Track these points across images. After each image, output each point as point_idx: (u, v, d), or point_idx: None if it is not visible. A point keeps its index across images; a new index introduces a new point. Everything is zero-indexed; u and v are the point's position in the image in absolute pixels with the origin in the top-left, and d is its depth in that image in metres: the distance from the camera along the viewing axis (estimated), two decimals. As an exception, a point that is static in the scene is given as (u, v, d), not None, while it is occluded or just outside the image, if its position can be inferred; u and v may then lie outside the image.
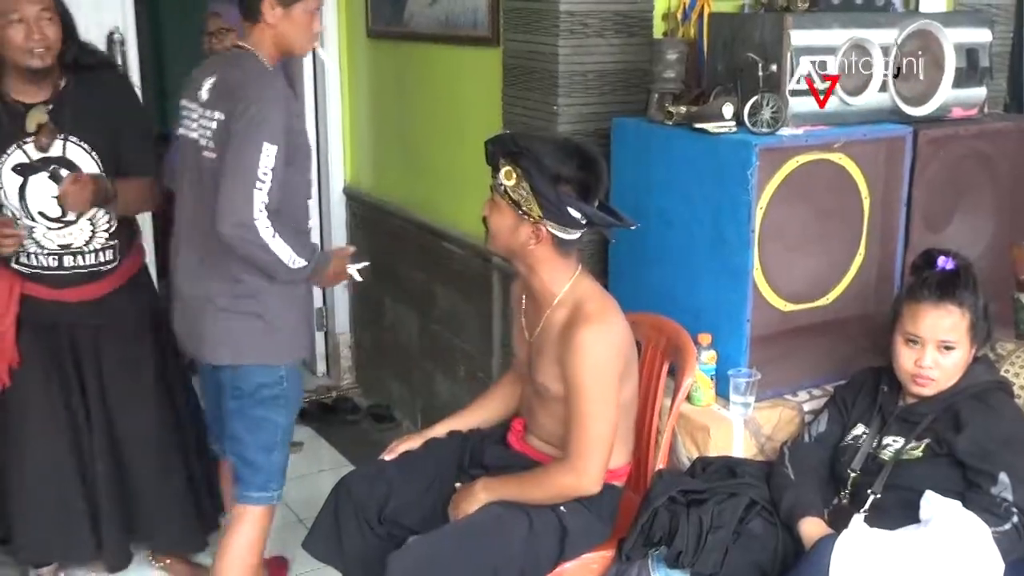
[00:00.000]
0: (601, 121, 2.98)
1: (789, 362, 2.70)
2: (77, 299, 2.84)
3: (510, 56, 3.10)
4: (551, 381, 2.33)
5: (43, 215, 2.75)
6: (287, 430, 2.67)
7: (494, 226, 2.33)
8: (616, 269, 2.97)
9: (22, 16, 2.58)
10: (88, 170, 2.75)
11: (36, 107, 2.72)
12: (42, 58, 2.63)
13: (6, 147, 2.71)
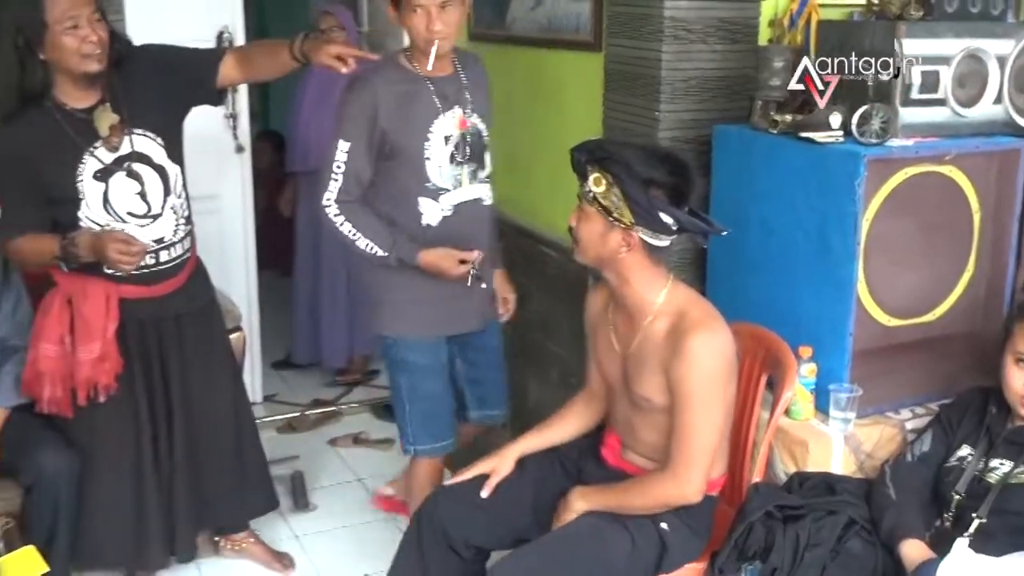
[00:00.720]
0: (702, 128, 2.95)
1: (891, 378, 2.64)
2: (165, 292, 2.86)
3: (612, 61, 3.09)
4: (655, 393, 2.29)
5: (131, 214, 2.74)
6: (410, 391, 2.85)
7: (583, 235, 2.30)
8: (714, 277, 2.93)
9: (77, 22, 2.56)
10: (156, 156, 2.76)
11: (100, 109, 2.68)
12: (99, 61, 2.60)
13: (80, 158, 2.67)
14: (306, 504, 3.59)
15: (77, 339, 2.74)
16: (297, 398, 4.49)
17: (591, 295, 2.56)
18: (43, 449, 2.77)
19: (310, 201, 4.51)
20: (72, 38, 2.56)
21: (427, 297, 2.79)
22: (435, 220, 2.75)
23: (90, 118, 2.67)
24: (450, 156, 2.73)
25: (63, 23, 2.55)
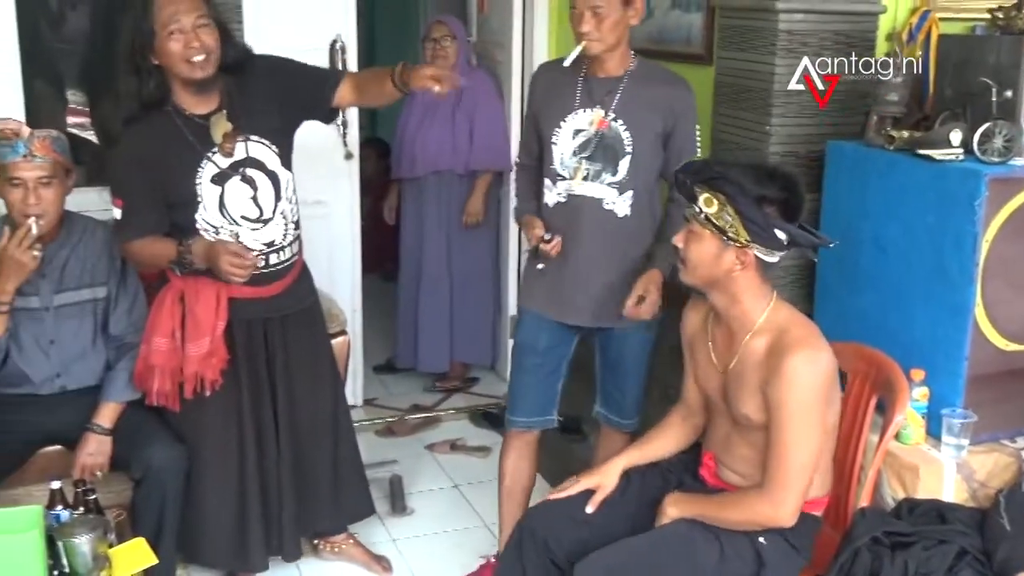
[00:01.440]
0: (813, 143, 2.90)
1: (1008, 405, 2.55)
2: (273, 293, 2.92)
3: (723, 74, 3.06)
4: (754, 411, 2.26)
5: (244, 218, 2.81)
6: (513, 361, 3.01)
7: (693, 256, 2.26)
8: (823, 296, 2.88)
9: (181, 27, 2.60)
10: (270, 162, 2.82)
11: (216, 117, 2.74)
12: (203, 68, 2.64)
13: (199, 162, 2.74)
14: (403, 508, 3.62)
15: (187, 335, 2.82)
16: (397, 402, 4.54)
17: (689, 310, 2.53)
18: (153, 444, 2.85)
19: (415, 207, 4.58)
20: (176, 43, 2.61)
21: (540, 274, 2.88)
22: (551, 201, 2.84)
23: (207, 124, 2.73)
24: (575, 149, 2.76)
25: (167, 27, 2.60)
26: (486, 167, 4.46)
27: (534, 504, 2.71)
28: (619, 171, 2.74)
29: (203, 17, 2.63)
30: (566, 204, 2.80)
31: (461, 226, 4.51)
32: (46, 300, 2.87)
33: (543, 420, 3.00)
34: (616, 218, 2.78)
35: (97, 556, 2.32)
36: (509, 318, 4.69)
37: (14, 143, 2.68)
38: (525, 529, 2.49)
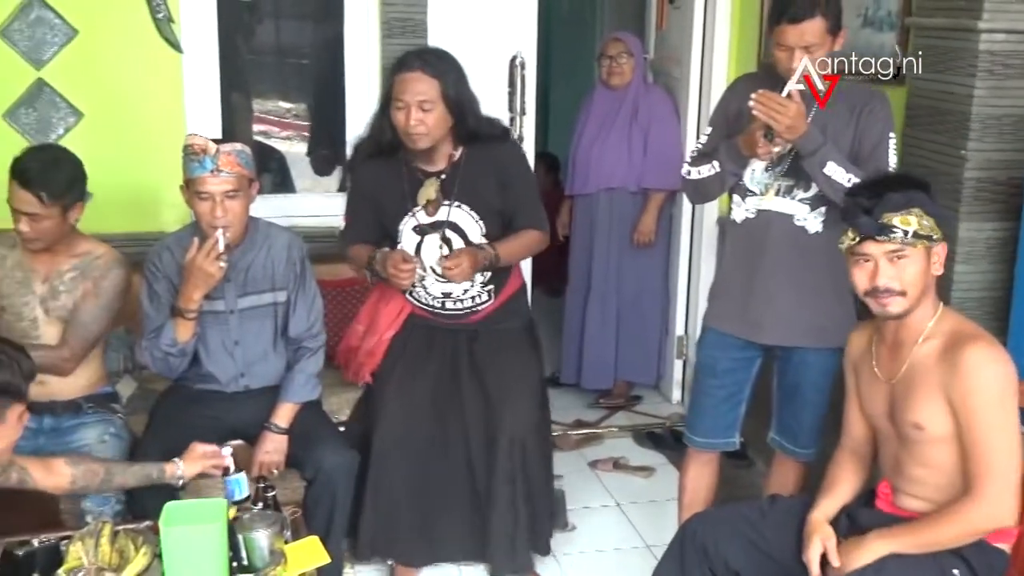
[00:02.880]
0: (1013, 169, 2.76)
1: None
2: (456, 324, 3.16)
3: (916, 95, 2.95)
4: (929, 419, 2.20)
5: (432, 269, 3.06)
6: (696, 386, 3.00)
7: (910, 279, 2.21)
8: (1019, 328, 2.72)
9: (405, 103, 2.86)
10: (471, 232, 3.03)
11: (428, 181, 3.01)
12: (416, 141, 2.90)
13: (407, 211, 3.04)
14: (565, 523, 3.61)
15: (370, 330, 3.16)
16: (560, 417, 4.52)
17: (853, 337, 2.49)
18: (324, 446, 2.95)
19: (585, 224, 4.58)
20: (400, 114, 2.88)
21: (725, 292, 2.88)
22: (739, 217, 2.81)
23: (424, 181, 3.01)
24: (767, 164, 2.72)
25: (396, 102, 2.89)
26: (659, 186, 4.42)
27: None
28: (812, 187, 2.67)
29: (429, 101, 2.86)
30: (755, 220, 2.76)
31: (631, 244, 4.49)
32: (231, 303, 3.00)
33: (723, 443, 2.98)
34: (807, 234, 2.72)
35: (274, 551, 2.39)
36: (676, 338, 4.63)
37: (202, 159, 2.81)
38: (687, 533, 2.49)
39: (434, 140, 2.93)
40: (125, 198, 3.75)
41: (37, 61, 3.60)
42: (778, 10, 2.59)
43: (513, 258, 3.13)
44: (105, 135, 3.70)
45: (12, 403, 2.15)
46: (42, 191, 2.80)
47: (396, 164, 3.02)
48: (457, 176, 3.02)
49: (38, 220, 2.84)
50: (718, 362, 2.89)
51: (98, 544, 2.28)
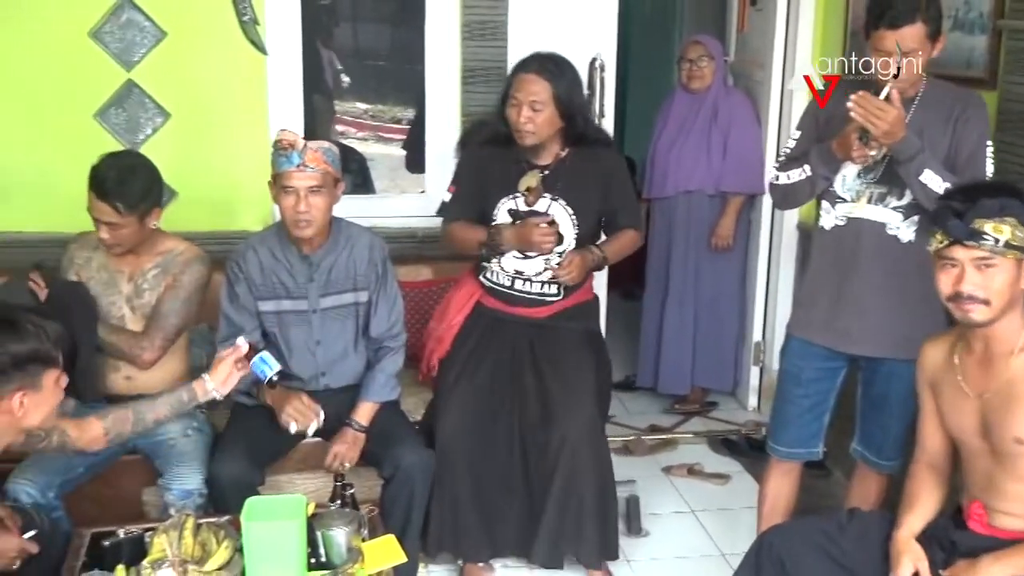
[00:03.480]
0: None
1: None
2: (522, 315, 3.19)
3: (1009, 100, 2.87)
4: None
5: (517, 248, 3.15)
6: (779, 394, 2.96)
7: (998, 288, 2.15)
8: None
9: (518, 101, 3.02)
10: (564, 227, 3.11)
11: (532, 172, 3.13)
12: (524, 137, 3.05)
13: (507, 194, 3.15)
14: (639, 529, 3.59)
15: (439, 319, 3.29)
16: (634, 421, 4.51)
17: (928, 348, 2.41)
18: (403, 445, 2.98)
19: (663, 227, 4.55)
20: (513, 112, 3.04)
21: (811, 301, 2.84)
22: (828, 224, 2.76)
23: (528, 172, 3.13)
24: (859, 171, 2.67)
25: (511, 99, 3.05)
26: (738, 189, 4.38)
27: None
28: (906, 195, 2.62)
29: (541, 103, 3.01)
30: (844, 228, 2.72)
31: (708, 248, 4.45)
32: (314, 303, 3.04)
33: (806, 452, 2.95)
34: (899, 244, 2.67)
35: (351, 549, 2.42)
36: (753, 344, 4.58)
37: (289, 153, 2.86)
38: (764, 545, 2.46)
39: (540, 139, 3.06)
40: (209, 197, 3.83)
41: (127, 63, 3.69)
42: (876, 14, 2.53)
43: (617, 257, 3.27)
44: (190, 135, 3.78)
45: (45, 369, 2.16)
46: (118, 202, 2.87)
47: (507, 152, 3.14)
48: (561, 173, 3.13)
49: (116, 228, 2.91)
50: (803, 371, 2.85)
51: (181, 537, 2.32)
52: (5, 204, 3.71)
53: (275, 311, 3.04)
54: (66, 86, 3.67)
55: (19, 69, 3.64)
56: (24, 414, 2.13)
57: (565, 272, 3.07)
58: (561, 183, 3.13)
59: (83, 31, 3.63)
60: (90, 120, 3.69)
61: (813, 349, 2.82)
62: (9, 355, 2.06)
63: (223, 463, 2.86)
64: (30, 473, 2.81)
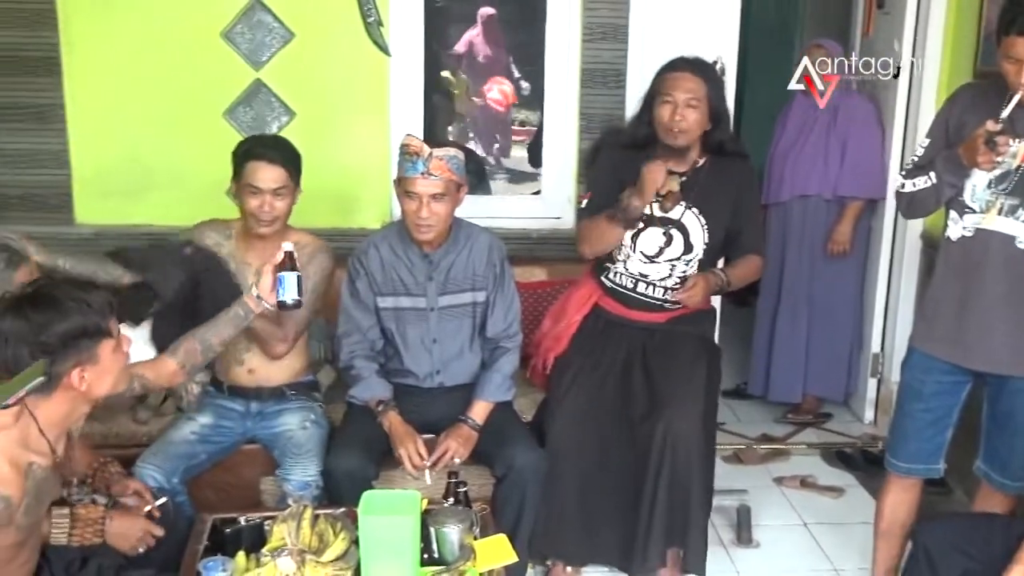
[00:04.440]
0: None
1: None
2: (639, 320, 3.18)
3: None
4: None
5: (642, 252, 3.13)
6: (899, 408, 2.88)
7: None
8: None
9: (674, 100, 2.98)
10: (694, 236, 3.11)
11: (672, 176, 3.08)
12: (677, 137, 3.01)
13: None
14: (749, 540, 3.54)
15: (557, 317, 3.29)
16: (745, 430, 4.45)
17: None
18: (516, 445, 2.99)
19: (778, 232, 4.47)
20: (666, 111, 3.00)
21: (935, 313, 2.76)
22: (954, 235, 2.68)
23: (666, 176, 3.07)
24: (990, 181, 2.59)
25: (663, 96, 3.00)
26: (855, 193, 4.29)
27: None
28: None
29: (696, 100, 2.99)
30: (972, 239, 2.63)
31: (824, 254, 4.36)
32: (432, 301, 3.08)
33: (926, 469, 2.87)
34: None
35: (464, 546, 2.44)
36: (872, 355, 4.47)
37: (415, 160, 2.90)
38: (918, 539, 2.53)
39: (690, 140, 3.04)
40: (330, 194, 3.90)
41: (256, 62, 3.80)
42: (1007, 20, 2.45)
43: (740, 283, 3.21)
44: (314, 134, 3.86)
45: (100, 340, 2.14)
46: (288, 165, 2.99)
47: (643, 157, 3.09)
48: (697, 181, 3.11)
49: (278, 196, 2.99)
50: (924, 385, 2.77)
51: (299, 527, 2.37)
52: (141, 198, 3.86)
53: (393, 308, 3.09)
54: (198, 85, 3.80)
55: (155, 68, 3.78)
56: (88, 387, 2.12)
57: (688, 295, 3.03)
58: (696, 191, 3.10)
59: (215, 32, 3.75)
60: (220, 118, 3.81)
61: (936, 363, 2.74)
62: (56, 336, 2.04)
63: (339, 457, 2.92)
64: (156, 459, 2.91)
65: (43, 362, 1.99)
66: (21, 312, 2.02)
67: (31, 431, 2.04)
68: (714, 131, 3.08)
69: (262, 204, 2.97)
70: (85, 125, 3.81)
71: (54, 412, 2.10)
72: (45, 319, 2.03)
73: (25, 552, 2.15)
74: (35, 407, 2.06)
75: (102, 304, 2.13)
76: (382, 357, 3.15)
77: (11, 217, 3.79)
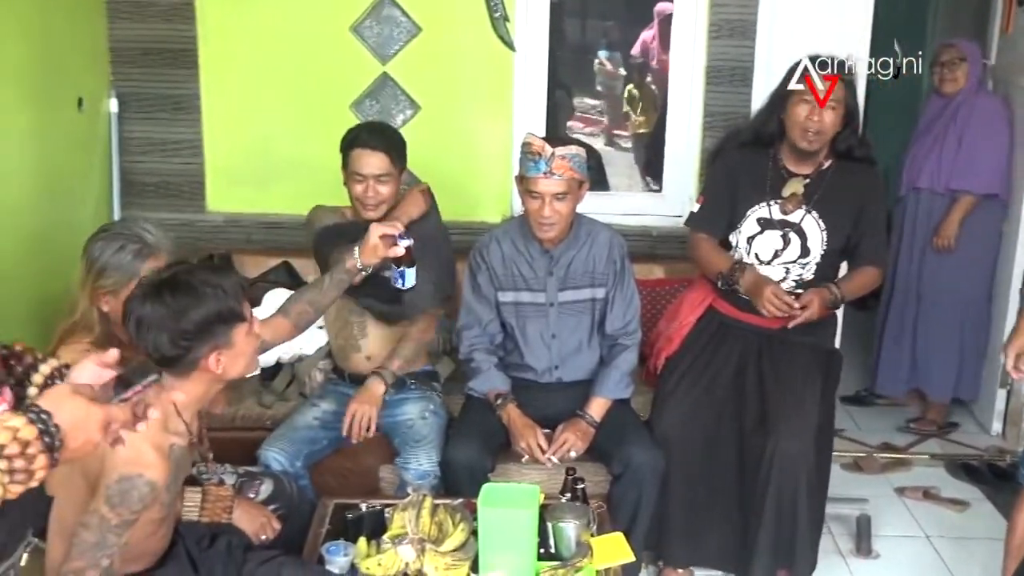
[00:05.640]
0: None
1: None
2: (754, 324, 3.10)
3: None
4: None
5: (757, 256, 3.08)
6: None
7: None
8: None
9: (811, 99, 2.90)
10: (813, 241, 3.03)
11: (796, 178, 3.04)
12: (811, 140, 2.94)
13: (759, 201, 3.07)
14: (868, 550, 3.44)
15: (671, 318, 3.29)
16: (865, 438, 4.34)
17: None
18: (634, 443, 2.98)
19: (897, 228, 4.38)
20: (803, 110, 2.92)
21: None
22: None
23: (787, 179, 3.04)
24: None
25: (803, 94, 2.92)
26: (966, 188, 4.16)
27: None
28: None
29: (836, 102, 2.91)
30: None
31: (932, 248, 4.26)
32: (551, 296, 3.09)
33: None
34: None
35: (580, 543, 2.45)
36: (1001, 366, 4.30)
37: (537, 160, 2.91)
38: None
39: (824, 142, 2.98)
40: (451, 188, 3.91)
41: (383, 56, 3.86)
42: None
43: (855, 295, 3.14)
44: (438, 128, 3.91)
45: (235, 325, 2.13)
46: (391, 152, 3.05)
47: (764, 156, 3.07)
48: (821, 185, 3.04)
49: (383, 183, 3.04)
50: None
51: (419, 516, 2.40)
52: (268, 187, 3.97)
53: (514, 302, 3.10)
54: (327, 78, 3.88)
55: (286, 61, 3.87)
56: (224, 370, 2.15)
57: (802, 312, 2.95)
58: (819, 195, 3.03)
59: (345, 26, 3.83)
60: (346, 111, 3.87)
61: None
62: (194, 322, 2.07)
63: (457, 449, 2.95)
64: (280, 443, 2.99)
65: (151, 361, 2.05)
66: (160, 298, 2.06)
67: (171, 413, 2.11)
68: (844, 134, 3.00)
69: (366, 190, 3.03)
70: (219, 116, 3.94)
71: (190, 394, 2.15)
72: (182, 305, 2.06)
73: (164, 527, 2.23)
74: (172, 389, 2.12)
75: (235, 288, 2.16)
76: (501, 351, 3.17)
77: (146, 204, 3.94)
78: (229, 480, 2.69)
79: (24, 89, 3.21)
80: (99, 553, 1.93)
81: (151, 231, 2.52)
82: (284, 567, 2.32)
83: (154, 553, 2.25)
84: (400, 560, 2.34)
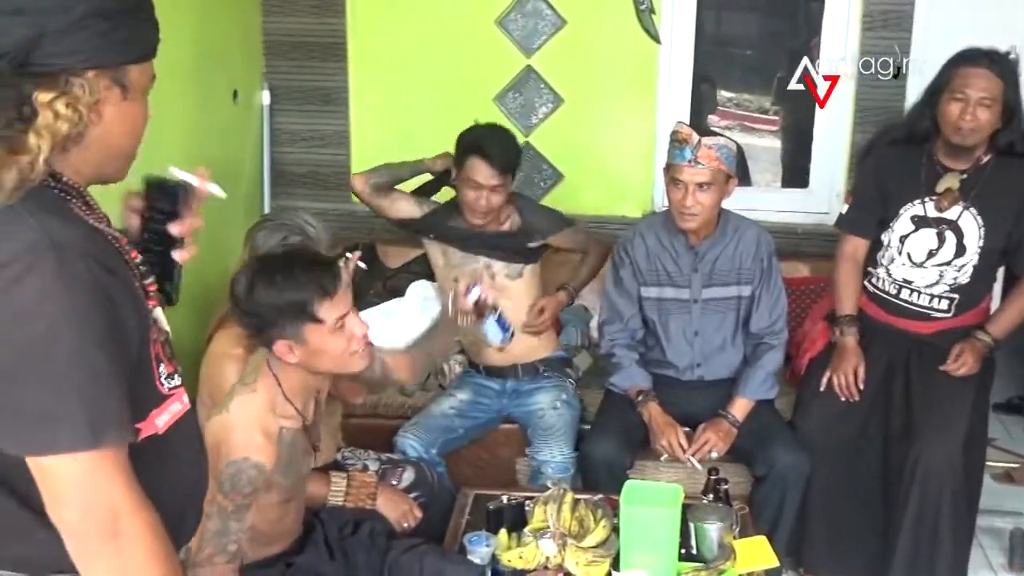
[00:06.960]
0: None
1: None
2: (903, 328, 3.03)
3: None
4: None
5: (908, 255, 2.98)
6: None
7: None
8: None
9: (966, 97, 2.79)
10: (969, 239, 2.91)
11: (951, 173, 2.92)
12: (965, 136, 2.82)
13: (913, 199, 2.97)
14: (1022, 566, 3.29)
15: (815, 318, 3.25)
16: (1018, 447, 4.14)
17: None
18: (778, 445, 2.92)
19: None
20: (955, 108, 2.81)
21: None
22: None
23: (943, 175, 2.94)
24: None
25: (954, 93, 2.82)
26: None
27: None
28: None
29: (990, 99, 2.79)
30: None
31: None
32: (695, 293, 3.04)
33: None
34: None
35: (723, 545, 2.40)
36: None
37: (683, 147, 2.87)
38: None
39: (979, 141, 2.87)
40: (592, 182, 3.95)
41: (527, 49, 3.87)
42: None
43: (1013, 327, 3.03)
44: (580, 121, 3.90)
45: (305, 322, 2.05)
46: (509, 165, 3.08)
47: (918, 153, 2.98)
48: (980, 180, 2.92)
49: (496, 192, 3.08)
50: None
51: (560, 510, 2.40)
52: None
53: (657, 298, 3.07)
54: (471, 71, 3.91)
55: (432, 54, 3.91)
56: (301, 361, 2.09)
57: (956, 367, 2.90)
58: (978, 192, 2.91)
59: (490, 19, 3.84)
60: (490, 103, 3.89)
61: None
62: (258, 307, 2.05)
63: (597, 444, 2.94)
64: (417, 430, 3.04)
65: None
66: (248, 273, 2.08)
67: (277, 396, 2.13)
68: (1005, 130, 2.87)
69: (479, 198, 3.08)
70: (366, 108, 4.00)
71: (291, 378, 2.14)
72: (256, 287, 2.04)
73: (291, 511, 2.28)
74: (277, 373, 2.15)
75: (319, 288, 2.05)
76: (642, 347, 3.14)
77: (295, 193, 4.04)
78: (372, 467, 2.74)
79: (184, 82, 3.33)
80: (223, 540, 1.99)
81: (312, 223, 2.57)
82: (427, 556, 2.35)
83: (288, 536, 2.31)
84: (541, 554, 2.35)
